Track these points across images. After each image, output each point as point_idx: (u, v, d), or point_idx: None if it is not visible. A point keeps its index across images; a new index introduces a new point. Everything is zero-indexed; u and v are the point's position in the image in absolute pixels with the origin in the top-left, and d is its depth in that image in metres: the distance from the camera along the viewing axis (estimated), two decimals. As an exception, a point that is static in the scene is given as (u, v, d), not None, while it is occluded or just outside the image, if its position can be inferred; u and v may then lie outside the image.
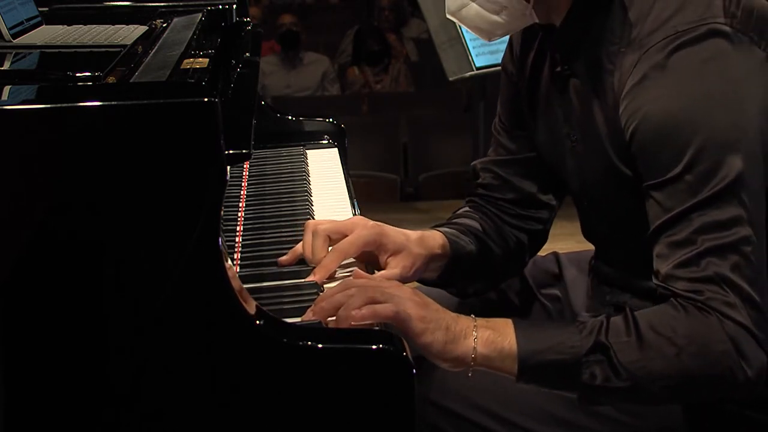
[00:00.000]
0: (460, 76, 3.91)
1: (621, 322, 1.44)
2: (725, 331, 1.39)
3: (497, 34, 1.67)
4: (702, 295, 1.41)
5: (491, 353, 1.45)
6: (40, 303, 1.25)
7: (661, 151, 1.46)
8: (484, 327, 1.45)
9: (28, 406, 1.28)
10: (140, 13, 2.17)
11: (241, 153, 1.37)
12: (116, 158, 1.24)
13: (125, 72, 1.53)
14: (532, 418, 1.60)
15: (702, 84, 1.46)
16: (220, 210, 1.27)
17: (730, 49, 1.46)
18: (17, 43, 1.79)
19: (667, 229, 1.45)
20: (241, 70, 1.85)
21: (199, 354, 1.28)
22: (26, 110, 1.26)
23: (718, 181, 1.42)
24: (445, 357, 1.44)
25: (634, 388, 1.43)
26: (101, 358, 1.27)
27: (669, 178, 1.45)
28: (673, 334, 1.41)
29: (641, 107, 1.48)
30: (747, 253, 1.41)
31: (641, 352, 1.41)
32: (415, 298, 1.45)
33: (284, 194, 2.04)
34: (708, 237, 1.42)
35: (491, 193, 1.86)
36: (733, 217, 1.42)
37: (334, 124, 2.43)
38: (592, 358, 1.42)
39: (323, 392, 1.30)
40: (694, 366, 1.41)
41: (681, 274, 1.43)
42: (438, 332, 1.43)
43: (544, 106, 1.74)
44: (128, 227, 1.25)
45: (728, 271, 1.41)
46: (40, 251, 1.24)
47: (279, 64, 7.19)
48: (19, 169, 1.23)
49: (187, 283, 1.26)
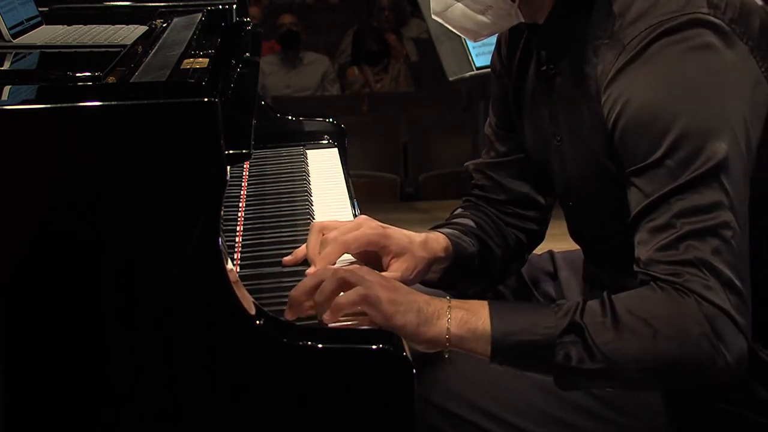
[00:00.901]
0: (460, 76, 3.91)
1: (597, 305, 1.42)
2: (703, 313, 1.37)
3: (483, 34, 1.67)
4: (681, 277, 1.39)
5: (465, 334, 1.43)
6: (41, 303, 1.25)
7: (642, 137, 1.45)
8: (458, 308, 1.44)
9: (28, 406, 1.28)
10: (140, 13, 2.17)
11: (241, 153, 1.37)
12: (116, 158, 1.24)
13: (125, 72, 1.53)
14: (530, 418, 1.60)
15: (684, 72, 1.45)
16: (220, 210, 1.27)
17: (714, 40, 1.46)
18: (17, 43, 1.79)
19: (648, 215, 1.44)
20: (241, 70, 1.85)
21: (199, 354, 1.28)
22: (26, 110, 1.26)
23: (698, 166, 1.41)
24: (419, 339, 1.43)
25: (609, 370, 1.41)
26: (101, 357, 1.27)
27: (649, 164, 1.44)
28: (650, 316, 1.39)
29: (623, 95, 1.48)
30: (728, 237, 1.40)
31: (616, 334, 1.40)
32: (384, 283, 1.44)
33: (284, 194, 2.04)
34: (688, 221, 1.40)
35: (486, 194, 1.86)
36: (713, 202, 1.41)
37: (334, 124, 2.43)
38: (566, 338, 1.41)
39: (323, 392, 1.30)
40: (670, 349, 1.39)
41: (660, 257, 1.41)
42: (410, 314, 1.42)
43: (530, 106, 1.74)
44: (128, 227, 1.25)
45: (708, 255, 1.39)
46: (40, 251, 1.25)
47: (279, 64, 7.19)
48: (20, 169, 1.24)
49: (188, 283, 1.26)
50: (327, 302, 1.41)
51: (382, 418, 1.31)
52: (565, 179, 1.69)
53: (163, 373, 1.28)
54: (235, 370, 1.29)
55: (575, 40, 1.58)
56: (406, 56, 7.62)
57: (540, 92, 1.70)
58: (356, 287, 1.41)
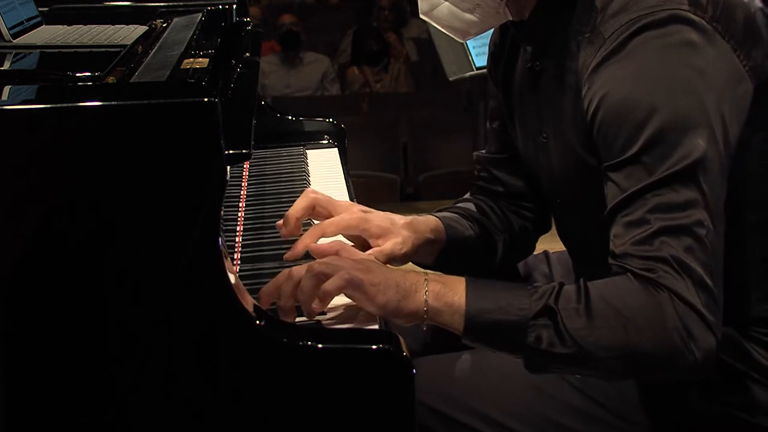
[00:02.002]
0: (460, 76, 3.91)
1: (573, 290, 1.43)
2: (675, 309, 1.38)
3: (471, 33, 1.67)
4: (655, 273, 1.39)
5: (442, 307, 1.44)
6: (42, 303, 1.25)
7: (620, 132, 1.45)
8: (434, 281, 1.46)
9: (28, 407, 1.28)
10: (140, 13, 2.17)
11: (241, 153, 1.37)
12: (116, 158, 1.24)
13: (125, 72, 1.53)
14: (523, 421, 1.60)
15: (663, 68, 1.45)
16: (220, 210, 1.27)
17: (694, 37, 1.46)
18: (17, 43, 1.79)
19: (623, 209, 1.44)
20: (241, 70, 1.85)
21: (199, 354, 1.28)
22: (26, 110, 1.26)
23: (675, 162, 1.41)
24: (401, 314, 1.44)
25: (579, 356, 1.41)
26: (102, 357, 1.27)
27: (626, 158, 1.44)
28: (623, 306, 1.40)
29: (602, 88, 1.48)
30: (701, 236, 1.40)
31: (588, 321, 1.40)
32: (358, 265, 1.45)
33: (284, 194, 2.04)
34: (663, 217, 1.41)
35: (488, 185, 1.89)
36: (688, 200, 1.41)
37: (334, 124, 2.43)
38: (539, 321, 1.41)
39: (323, 392, 1.30)
40: (640, 340, 1.39)
41: (635, 251, 1.42)
42: (389, 291, 1.43)
43: (519, 104, 1.75)
44: (128, 227, 1.25)
45: (681, 253, 1.39)
46: (40, 251, 1.24)
47: (279, 64, 7.18)
48: (20, 169, 1.23)
49: (188, 283, 1.26)
50: (311, 298, 1.42)
51: (383, 418, 1.31)
52: (551, 176, 1.69)
53: (163, 372, 1.28)
54: (235, 370, 1.28)
55: (559, 35, 1.58)
56: (406, 56, 7.62)
57: (527, 90, 1.70)
58: (337, 275, 1.42)
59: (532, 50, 1.66)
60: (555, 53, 1.60)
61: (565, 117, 1.58)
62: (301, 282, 1.43)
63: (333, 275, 1.43)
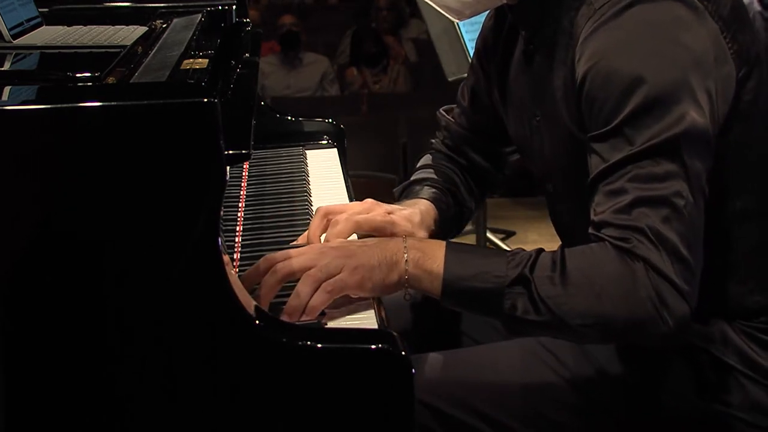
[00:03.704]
0: (459, 77, 3.90)
1: (548, 258, 1.45)
2: (649, 278, 1.40)
3: (466, 14, 1.69)
4: (630, 243, 1.41)
5: (421, 274, 1.47)
6: (42, 303, 1.25)
7: (605, 102, 1.47)
8: (414, 248, 1.49)
9: (28, 407, 1.28)
10: (140, 14, 2.16)
11: (241, 153, 1.37)
12: (116, 158, 1.24)
13: (125, 72, 1.53)
14: (519, 418, 1.60)
15: (653, 42, 1.47)
16: (220, 210, 1.27)
17: (684, 14, 1.47)
18: (18, 44, 1.79)
19: (604, 179, 1.46)
20: (241, 71, 1.85)
21: (198, 353, 1.28)
22: (27, 110, 1.25)
23: (656, 134, 1.43)
24: (388, 289, 1.48)
25: (553, 322, 1.43)
26: (101, 356, 1.27)
27: (610, 129, 1.46)
28: (597, 275, 1.42)
29: (590, 59, 1.49)
30: (679, 207, 1.42)
31: (563, 289, 1.42)
32: (338, 253, 1.47)
33: (284, 194, 2.04)
34: (642, 187, 1.42)
35: (452, 154, 1.94)
36: (669, 172, 1.42)
37: (334, 124, 2.43)
38: (514, 289, 1.44)
39: (322, 392, 1.29)
40: (613, 308, 1.41)
41: (613, 220, 1.43)
42: (375, 272, 1.46)
43: (514, 91, 1.76)
44: (128, 227, 1.25)
45: (658, 223, 1.41)
46: (40, 251, 1.24)
47: (279, 65, 7.18)
48: (20, 169, 1.23)
49: (187, 283, 1.26)
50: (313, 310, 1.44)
51: (382, 417, 1.30)
52: (543, 159, 1.70)
53: (163, 372, 1.28)
54: (234, 369, 1.28)
55: (551, 13, 1.59)
56: (405, 57, 7.61)
57: (522, 74, 1.71)
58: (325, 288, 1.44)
59: (527, 34, 1.67)
60: (547, 31, 1.61)
61: (557, 94, 1.59)
62: (297, 288, 1.45)
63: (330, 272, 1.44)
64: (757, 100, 1.54)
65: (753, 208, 1.56)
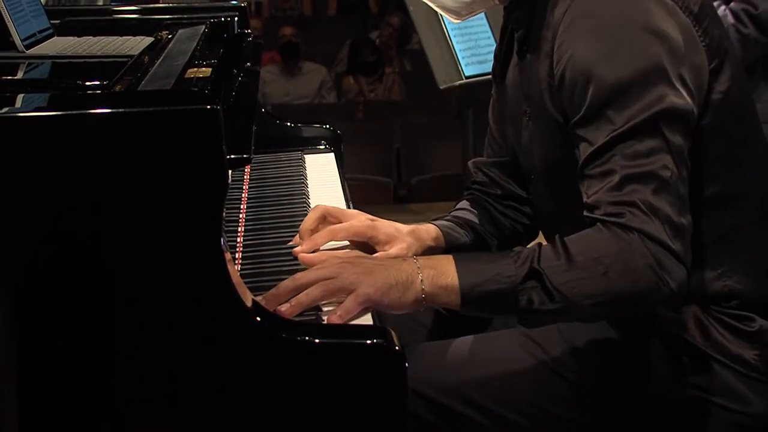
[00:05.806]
0: (450, 85, 3.91)
1: (550, 249, 1.46)
2: (646, 247, 1.41)
3: (463, 14, 1.70)
4: (623, 217, 1.43)
5: (438, 291, 1.47)
6: (49, 303, 1.25)
7: (585, 90, 1.48)
8: (427, 267, 1.48)
9: (33, 404, 1.28)
10: (147, 25, 2.17)
11: (242, 157, 1.37)
12: (123, 162, 1.24)
13: (132, 81, 1.53)
14: (512, 408, 1.60)
15: (626, 30, 1.49)
16: (222, 212, 1.27)
17: (654, 8, 1.50)
18: (30, 54, 1.79)
19: (592, 162, 1.48)
20: (243, 79, 1.85)
21: (200, 349, 1.28)
22: (38, 117, 1.26)
23: (635, 113, 1.45)
24: (404, 307, 1.47)
25: (567, 307, 1.44)
26: (104, 354, 1.27)
27: (592, 114, 1.48)
28: (599, 255, 1.43)
29: (568, 49, 1.51)
30: (666, 178, 1.44)
31: (571, 274, 1.43)
32: (357, 269, 1.46)
33: (283, 197, 2.04)
34: (629, 164, 1.44)
35: (485, 188, 1.89)
36: (652, 148, 1.45)
37: (331, 130, 2.43)
38: (528, 284, 1.44)
39: (320, 385, 1.30)
40: (620, 283, 1.43)
41: (605, 198, 1.45)
42: (392, 291, 1.45)
43: (510, 94, 1.76)
44: (135, 228, 1.25)
45: (649, 196, 1.43)
46: (49, 253, 1.24)
47: (279, 74, 7.19)
48: (32, 173, 1.23)
49: (191, 281, 1.26)
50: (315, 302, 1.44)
51: (375, 408, 1.31)
52: (530, 155, 1.70)
53: (164, 368, 1.28)
54: (234, 364, 1.28)
55: (540, 11, 1.60)
56: (401, 67, 7.62)
57: (517, 74, 1.72)
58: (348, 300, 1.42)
59: (520, 35, 1.68)
60: (535, 28, 1.62)
61: (542, 86, 1.60)
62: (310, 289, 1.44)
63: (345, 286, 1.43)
64: (729, 91, 1.56)
65: (723, 194, 1.57)
